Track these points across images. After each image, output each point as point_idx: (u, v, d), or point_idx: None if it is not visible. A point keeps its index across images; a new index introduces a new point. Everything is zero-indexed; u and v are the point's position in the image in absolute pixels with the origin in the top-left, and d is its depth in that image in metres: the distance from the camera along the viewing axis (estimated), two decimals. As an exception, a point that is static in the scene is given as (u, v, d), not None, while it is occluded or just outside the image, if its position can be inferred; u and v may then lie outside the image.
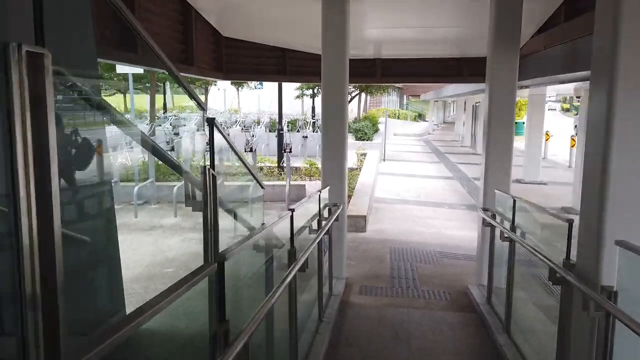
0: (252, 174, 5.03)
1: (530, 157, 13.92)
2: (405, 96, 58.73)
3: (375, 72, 7.91)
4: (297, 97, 25.07)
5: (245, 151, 10.33)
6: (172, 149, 9.40)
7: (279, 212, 9.48)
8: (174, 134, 14.19)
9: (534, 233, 3.92)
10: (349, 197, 9.49)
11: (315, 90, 23.71)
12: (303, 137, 14.65)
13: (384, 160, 17.89)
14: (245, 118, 20.73)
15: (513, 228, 4.13)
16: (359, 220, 8.08)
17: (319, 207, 4.66)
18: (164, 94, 22.64)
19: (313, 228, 4.79)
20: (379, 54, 7.95)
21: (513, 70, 5.24)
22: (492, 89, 5.27)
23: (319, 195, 4.71)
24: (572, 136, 17.50)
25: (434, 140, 29.59)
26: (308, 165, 11.46)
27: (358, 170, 12.50)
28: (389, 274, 6.13)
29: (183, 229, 8.21)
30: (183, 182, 10.04)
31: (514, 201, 4.17)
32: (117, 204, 9.96)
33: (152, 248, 7.10)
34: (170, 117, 20.75)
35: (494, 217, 4.80)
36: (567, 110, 52.79)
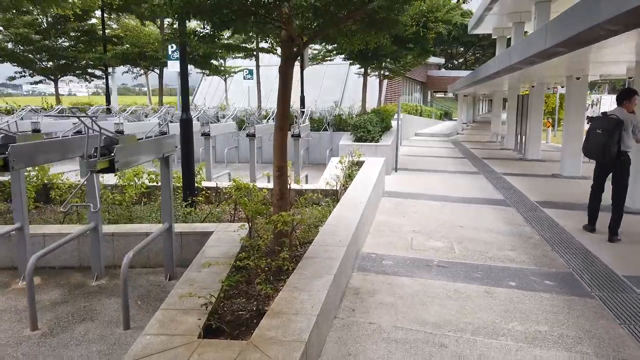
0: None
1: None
2: (430, 92, 52.76)
3: None
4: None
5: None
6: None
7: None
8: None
9: None
10: (285, 270, 3.98)
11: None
12: (248, 135, 9.16)
13: (396, 170, 12.28)
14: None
15: None
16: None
17: None
18: (106, 76, 16.98)
19: None
20: None
21: None
22: None
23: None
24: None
25: (465, 141, 23.76)
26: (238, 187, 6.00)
27: (335, 197, 6.94)
28: None
29: None
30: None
31: None
32: None
33: None
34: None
35: None
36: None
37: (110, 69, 17.35)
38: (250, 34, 4.75)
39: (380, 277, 4.90)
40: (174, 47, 13.83)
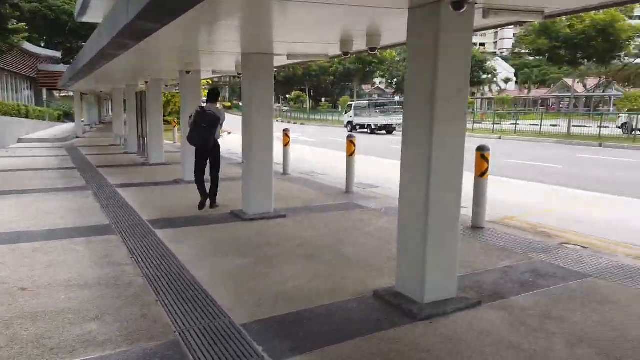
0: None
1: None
2: (45, 90, 44.97)
3: None
4: None
5: None
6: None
7: None
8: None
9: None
10: None
11: None
12: None
13: (-48, 198, 8.30)
14: None
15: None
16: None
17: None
18: None
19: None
20: None
21: None
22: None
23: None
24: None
25: (83, 146, 20.37)
26: None
27: None
28: None
29: None
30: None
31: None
32: None
33: None
34: None
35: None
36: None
37: None
38: None
39: None
40: None
